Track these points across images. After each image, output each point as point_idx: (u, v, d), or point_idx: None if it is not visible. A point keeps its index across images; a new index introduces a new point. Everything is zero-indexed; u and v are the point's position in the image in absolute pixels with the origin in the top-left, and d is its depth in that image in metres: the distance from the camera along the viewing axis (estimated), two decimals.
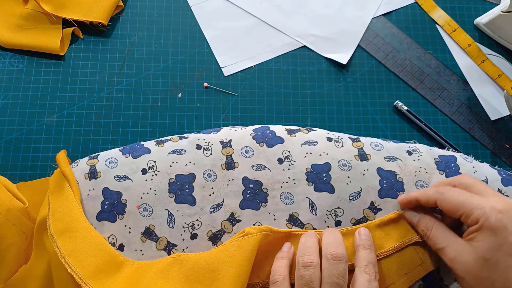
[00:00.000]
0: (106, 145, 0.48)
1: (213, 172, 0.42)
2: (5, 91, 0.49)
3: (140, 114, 0.49)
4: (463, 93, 0.52)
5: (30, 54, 0.51)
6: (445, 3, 0.56)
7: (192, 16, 0.54)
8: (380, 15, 0.55)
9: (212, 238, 0.40)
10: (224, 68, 0.52)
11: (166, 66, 0.52)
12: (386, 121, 0.50)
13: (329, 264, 0.34)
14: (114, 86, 0.50)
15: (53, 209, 0.39)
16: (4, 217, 0.39)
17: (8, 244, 0.39)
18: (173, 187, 0.41)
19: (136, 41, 0.52)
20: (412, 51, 0.53)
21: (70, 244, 0.37)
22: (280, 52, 0.53)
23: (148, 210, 0.40)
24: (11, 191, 0.42)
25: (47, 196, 0.41)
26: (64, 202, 0.39)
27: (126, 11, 0.54)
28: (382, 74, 0.52)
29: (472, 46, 0.54)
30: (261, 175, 0.42)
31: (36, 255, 0.40)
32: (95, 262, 0.37)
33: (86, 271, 0.36)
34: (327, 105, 0.51)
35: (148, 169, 0.41)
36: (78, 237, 0.38)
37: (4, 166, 0.47)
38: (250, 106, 0.50)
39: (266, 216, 0.40)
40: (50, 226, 0.38)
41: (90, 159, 0.43)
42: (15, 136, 0.48)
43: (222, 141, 0.43)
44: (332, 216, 0.40)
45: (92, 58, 0.51)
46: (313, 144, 0.43)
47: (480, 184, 0.36)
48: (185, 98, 0.50)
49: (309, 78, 0.52)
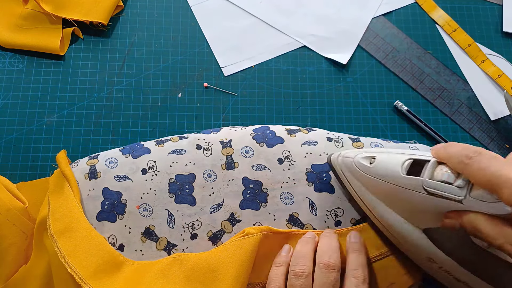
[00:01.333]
0: (106, 145, 0.48)
1: (213, 172, 0.42)
2: (5, 91, 0.49)
3: (140, 114, 0.49)
4: (463, 93, 0.52)
5: (30, 54, 0.51)
6: (445, 3, 0.56)
7: (192, 16, 0.54)
8: (380, 15, 0.55)
9: (212, 238, 0.40)
10: (224, 68, 0.52)
11: (166, 66, 0.52)
12: (386, 121, 0.50)
13: (321, 273, 0.34)
14: (114, 86, 0.50)
15: (53, 209, 0.39)
16: (4, 217, 0.39)
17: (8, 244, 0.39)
18: (173, 187, 0.41)
19: (136, 41, 0.52)
20: (412, 51, 0.53)
21: (70, 244, 0.37)
22: (280, 52, 0.53)
23: (148, 210, 0.40)
24: (11, 191, 0.42)
25: (47, 196, 0.41)
26: (64, 202, 0.39)
27: (126, 11, 0.54)
28: (382, 74, 0.52)
29: (472, 46, 0.54)
30: (261, 175, 0.42)
31: (36, 255, 0.40)
32: (95, 262, 0.37)
33: (86, 271, 0.36)
34: (327, 105, 0.51)
35: (148, 169, 0.41)
36: (78, 237, 0.38)
37: (4, 166, 0.46)
38: (250, 106, 0.50)
39: (266, 216, 0.40)
40: (50, 226, 0.38)
41: (90, 159, 0.43)
42: (15, 136, 0.48)
43: (222, 141, 0.43)
44: (332, 216, 0.40)
45: (92, 58, 0.51)
46: (313, 144, 0.43)
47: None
48: (185, 98, 0.50)
49: (309, 78, 0.52)
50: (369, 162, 0.35)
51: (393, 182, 0.33)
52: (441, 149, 0.32)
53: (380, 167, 0.34)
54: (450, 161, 0.30)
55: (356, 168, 0.36)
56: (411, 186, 0.32)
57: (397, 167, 0.33)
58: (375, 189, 0.35)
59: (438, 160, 0.32)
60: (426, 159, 0.32)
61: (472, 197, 0.29)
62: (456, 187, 0.30)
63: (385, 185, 0.34)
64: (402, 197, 0.33)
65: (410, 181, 0.32)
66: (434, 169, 0.31)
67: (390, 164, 0.34)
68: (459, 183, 0.30)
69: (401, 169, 0.33)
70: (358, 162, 0.36)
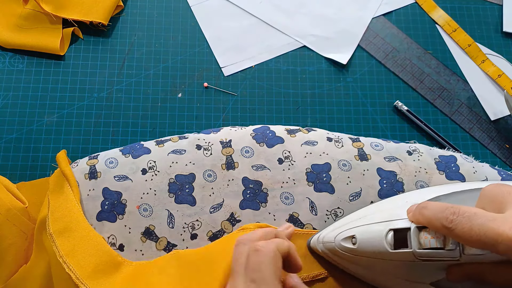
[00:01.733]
0: (106, 145, 0.48)
1: (213, 172, 0.42)
2: (5, 91, 0.49)
3: (140, 114, 0.49)
4: (463, 93, 0.52)
5: (30, 54, 0.51)
6: (445, 3, 0.56)
7: (192, 16, 0.54)
8: (380, 15, 0.55)
9: (212, 238, 0.40)
10: (224, 68, 0.52)
11: (166, 66, 0.52)
12: (386, 121, 0.50)
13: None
14: (114, 86, 0.50)
15: (52, 208, 0.39)
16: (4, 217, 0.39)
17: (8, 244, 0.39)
18: (173, 187, 0.41)
19: (136, 41, 0.52)
20: (412, 51, 0.53)
21: (68, 243, 0.37)
22: (280, 52, 0.53)
23: (148, 210, 0.40)
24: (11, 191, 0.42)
25: (47, 196, 0.41)
26: (63, 202, 0.39)
27: (126, 11, 0.54)
28: (382, 74, 0.52)
29: (472, 46, 0.54)
30: (261, 175, 0.42)
31: (36, 255, 0.40)
32: (93, 262, 0.37)
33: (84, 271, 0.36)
34: (327, 105, 0.51)
35: (148, 169, 0.41)
36: (76, 236, 0.38)
37: (4, 166, 0.46)
38: (250, 106, 0.50)
39: (266, 216, 0.40)
40: (49, 225, 0.38)
41: (90, 159, 0.43)
42: (15, 136, 0.48)
43: (222, 141, 0.43)
44: (332, 216, 0.40)
45: (92, 58, 0.51)
46: (313, 144, 0.43)
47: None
48: (185, 98, 0.50)
49: (309, 78, 0.52)
50: (351, 243, 0.34)
51: (383, 258, 0.32)
52: (417, 213, 0.30)
53: (365, 246, 0.33)
54: (431, 225, 0.29)
55: (341, 252, 0.35)
56: (403, 258, 0.31)
57: (381, 243, 0.32)
58: (367, 263, 0.34)
59: (418, 226, 0.30)
60: (406, 227, 0.31)
61: (468, 254, 0.28)
62: (448, 250, 0.29)
63: (376, 261, 0.33)
64: (397, 267, 0.32)
65: (400, 255, 0.31)
66: (418, 236, 0.30)
67: (374, 241, 0.32)
68: (450, 246, 0.29)
69: (386, 244, 0.32)
70: (340, 245, 0.35)
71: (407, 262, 0.31)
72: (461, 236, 0.27)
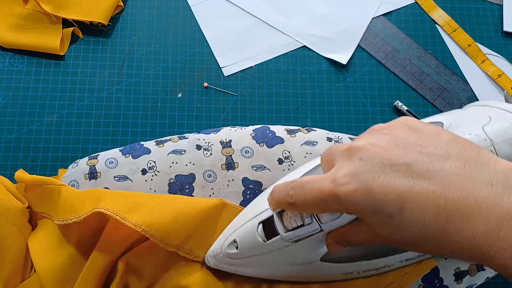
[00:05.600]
0: (106, 145, 0.48)
1: (213, 173, 0.42)
2: (5, 91, 0.49)
3: (140, 114, 0.49)
4: (463, 93, 0.52)
5: (30, 54, 0.51)
6: (445, 3, 0.56)
7: (192, 16, 0.54)
8: (380, 15, 0.55)
9: None
10: (224, 68, 0.52)
11: (166, 66, 0.52)
12: (386, 121, 0.50)
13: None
14: (114, 86, 0.50)
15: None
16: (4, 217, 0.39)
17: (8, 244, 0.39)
18: (173, 187, 0.41)
19: (136, 41, 0.52)
20: (412, 51, 0.53)
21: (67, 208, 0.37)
22: (280, 52, 0.53)
23: None
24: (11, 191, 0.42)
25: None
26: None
27: (126, 11, 0.54)
28: (382, 74, 0.52)
29: (472, 46, 0.54)
30: (261, 175, 0.42)
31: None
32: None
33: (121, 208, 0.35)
34: (327, 105, 0.51)
35: (148, 169, 0.41)
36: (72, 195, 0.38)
37: (4, 166, 0.47)
38: (250, 106, 0.50)
39: None
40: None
41: (90, 159, 0.43)
42: (15, 136, 0.48)
43: (222, 141, 0.43)
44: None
45: (92, 58, 0.51)
46: (313, 144, 0.43)
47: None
48: (185, 98, 0.50)
49: (309, 78, 0.52)
50: (235, 248, 0.34)
51: (263, 251, 0.32)
52: (270, 199, 0.30)
53: (245, 247, 0.33)
54: (281, 206, 0.29)
55: (231, 260, 0.35)
56: (279, 246, 0.31)
57: (256, 238, 0.32)
58: (257, 262, 0.34)
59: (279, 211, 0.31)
60: (270, 215, 0.31)
61: (325, 222, 0.29)
62: (308, 224, 0.29)
63: (262, 257, 0.33)
64: (281, 256, 0.32)
65: (274, 244, 0.31)
66: (281, 221, 0.31)
67: (249, 239, 0.33)
68: (307, 221, 0.29)
69: (259, 237, 0.32)
70: (227, 253, 0.34)
71: (284, 248, 0.31)
72: (301, 206, 0.27)
